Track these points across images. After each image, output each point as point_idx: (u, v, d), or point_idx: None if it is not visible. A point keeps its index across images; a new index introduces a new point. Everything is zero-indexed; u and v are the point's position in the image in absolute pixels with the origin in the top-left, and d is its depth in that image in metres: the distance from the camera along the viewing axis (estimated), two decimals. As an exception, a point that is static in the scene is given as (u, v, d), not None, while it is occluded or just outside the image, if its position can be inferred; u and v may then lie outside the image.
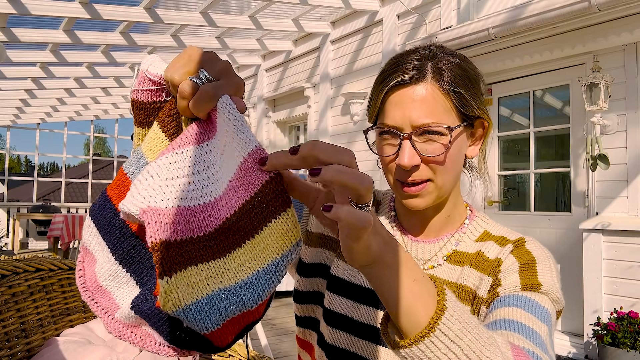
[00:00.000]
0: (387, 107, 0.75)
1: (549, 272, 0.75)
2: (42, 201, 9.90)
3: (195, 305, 0.41)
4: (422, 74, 0.73)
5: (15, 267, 0.99)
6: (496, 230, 0.83)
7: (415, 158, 0.72)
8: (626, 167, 3.33)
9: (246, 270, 0.44)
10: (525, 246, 0.77)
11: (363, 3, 5.07)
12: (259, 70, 7.16)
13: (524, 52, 3.79)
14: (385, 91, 0.75)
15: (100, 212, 0.50)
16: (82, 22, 5.06)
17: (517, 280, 0.72)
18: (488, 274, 0.75)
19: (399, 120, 0.73)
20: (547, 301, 0.71)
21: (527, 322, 0.64)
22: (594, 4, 3.07)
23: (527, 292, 0.71)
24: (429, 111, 0.72)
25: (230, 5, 5.21)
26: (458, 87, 0.73)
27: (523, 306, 0.67)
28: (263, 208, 0.46)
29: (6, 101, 8.32)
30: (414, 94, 0.72)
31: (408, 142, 0.72)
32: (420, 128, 0.72)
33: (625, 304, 3.17)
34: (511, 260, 0.75)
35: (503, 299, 0.70)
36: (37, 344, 1.01)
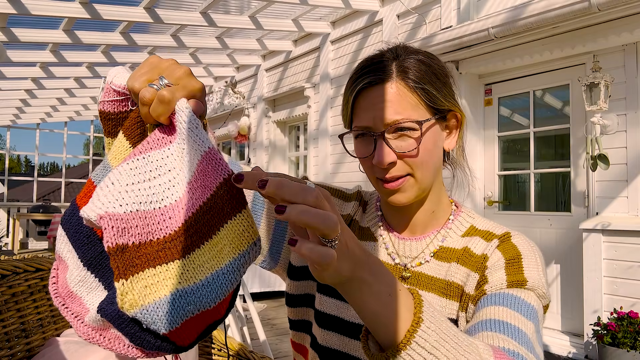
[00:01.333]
0: (358, 110, 0.77)
1: (535, 267, 0.75)
2: (42, 201, 9.90)
3: (152, 306, 0.42)
4: (387, 74, 0.75)
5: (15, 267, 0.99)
6: (482, 225, 0.83)
7: (391, 155, 0.74)
8: (626, 167, 3.33)
9: (204, 270, 0.44)
10: (511, 240, 0.78)
11: (363, 3, 5.07)
12: (259, 70, 7.16)
13: (524, 52, 3.79)
14: (355, 95, 0.77)
15: (69, 220, 0.51)
16: (82, 22, 5.05)
17: (504, 276, 0.73)
18: (475, 270, 0.76)
19: (370, 120, 0.75)
20: (533, 297, 0.72)
21: (513, 321, 0.65)
22: (594, 4, 3.07)
23: (513, 289, 0.72)
24: (397, 108, 0.74)
25: (230, 5, 5.21)
26: (423, 82, 0.75)
27: (509, 304, 0.68)
28: (219, 209, 0.45)
29: (6, 101, 8.32)
30: (381, 94, 0.75)
31: (382, 141, 0.74)
32: (392, 125, 0.74)
33: (625, 304, 3.17)
34: (497, 256, 0.76)
35: (489, 298, 0.71)
36: (37, 344, 1.01)
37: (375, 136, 0.75)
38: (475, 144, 4.33)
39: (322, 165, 5.75)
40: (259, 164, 7.04)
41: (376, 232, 0.86)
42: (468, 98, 4.29)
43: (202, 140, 0.47)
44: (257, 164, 7.11)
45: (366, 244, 0.86)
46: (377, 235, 0.86)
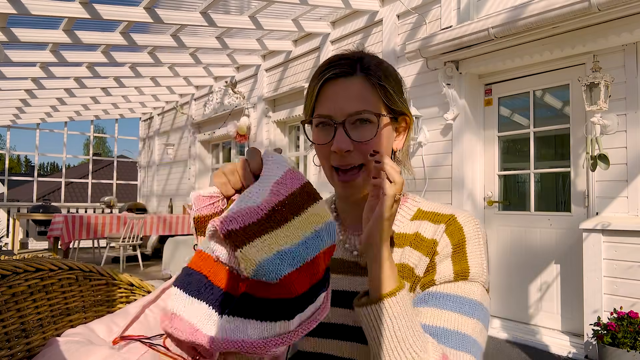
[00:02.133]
0: (322, 99, 0.83)
1: (478, 251, 0.82)
2: (42, 201, 9.90)
3: (265, 261, 0.56)
4: (352, 69, 0.83)
5: (15, 267, 0.99)
6: (428, 207, 0.90)
7: (348, 143, 0.80)
8: (626, 167, 3.33)
9: (298, 235, 0.60)
10: (457, 221, 0.84)
11: (363, 3, 5.07)
12: (259, 70, 7.16)
13: (524, 52, 3.79)
14: (320, 84, 0.83)
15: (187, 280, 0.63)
16: (82, 22, 5.06)
17: (450, 267, 0.81)
18: (426, 254, 0.83)
19: (332, 109, 0.82)
20: (476, 289, 0.80)
21: (454, 326, 0.75)
22: (594, 4, 3.07)
23: (458, 282, 0.80)
24: (359, 100, 0.81)
25: (230, 5, 5.21)
26: (384, 82, 0.83)
27: (450, 307, 0.77)
28: (302, 199, 0.64)
29: (6, 101, 8.32)
30: (345, 86, 0.82)
31: (341, 129, 0.81)
32: (353, 116, 0.81)
33: (625, 304, 3.17)
34: (445, 242, 0.83)
35: (435, 296, 0.79)
36: (37, 344, 1.01)
37: (336, 124, 0.81)
38: (475, 144, 4.33)
39: (322, 165, 5.75)
40: (259, 164, 7.05)
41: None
42: (468, 98, 4.29)
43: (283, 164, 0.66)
44: (257, 164, 7.11)
45: None
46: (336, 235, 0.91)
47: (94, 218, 7.22)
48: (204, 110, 8.50)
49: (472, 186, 4.28)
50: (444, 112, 4.34)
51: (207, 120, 8.45)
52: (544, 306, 3.90)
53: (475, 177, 4.32)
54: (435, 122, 4.45)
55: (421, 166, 4.56)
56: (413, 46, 4.32)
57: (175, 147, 9.65)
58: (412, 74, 4.71)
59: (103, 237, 7.36)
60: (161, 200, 10.20)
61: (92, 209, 11.28)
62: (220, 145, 8.81)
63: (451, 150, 4.30)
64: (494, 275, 4.28)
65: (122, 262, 7.16)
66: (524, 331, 3.84)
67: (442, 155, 4.39)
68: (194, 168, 8.81)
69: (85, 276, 1.15)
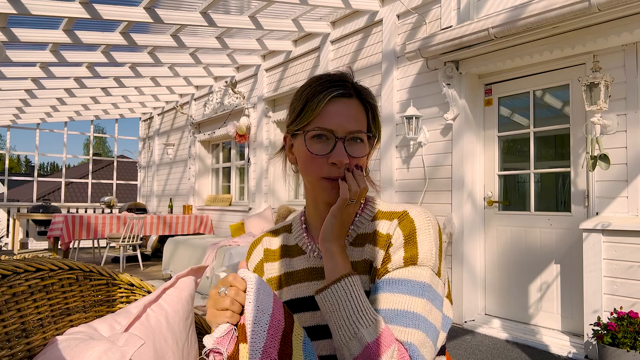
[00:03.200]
0: (325, 114, 0.90)
1: (428, 240, 0.90)
2: (42, 201, 9.90)
3: None
4: (353, 91, 0.93)
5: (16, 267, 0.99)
6: (385, 208, 0.99)
7: (346, 156, 0.90)
8: (626, 167, 3.33)
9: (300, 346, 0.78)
10: (409, 216, 0.92)
11: (363, 3, 5.07)
12: (259, 70, 7.16)
13: (524, 52, 3.79)
14: (327, 100, 0.91)
15: None
16: (82, 22, 5.06)
17: (402, 254, 0.89)
18: (381, 248, 0.92)
19: (335, 125, 0.90)
20: (424, 272, 0.87)
21: (403, 306, 0.83)
22: (594, 4, 3.07)
23: (406, 267, 0.87)
24: (357, 121, 0.91)
25: (230, 5, 5.21)
26: (372, 108, 0.95)
27: (400, 290, 0.85)
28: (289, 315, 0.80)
29: (6, 101, 8.32)
30: (347, 105, 0.91)
31: (341, 144, 0.89)
32: (352, 134, 0.90)
33: (625, 304, 3.17)
34: (398, 234, 0.91)
35: (385, 283, 0.87)
36: (38, 344, 1.01)
37: (337, 139, 0.90)
38: (475, 144, 4.33)
39: (322, 165, 5.75)
40: (259, 164, 7.05)
41: (303, 245, 1.02)
42: (468, 98, 4.29)
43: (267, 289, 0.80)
44: (257, 164, 7.12)
45: (296, 258, 1.02)
46: (304, 247, 1.02)
47: (94, 218, 7.22)
48: (204, 110, 8.50)
49: (472, 186, 4.28)
50: (444, 112, 4.34)
51: (207, 120, 8.45)
52: (544, 306, 3.90)
53: (475, 177, 4.32)
54: (435, 122, 4.45)
55: (421, 166, 4.56)
56: (413, 46, 4.33)
57: (175, 147, 9.65)
58: (412, 74, 4.71)
59: (103, 237, 7.36)
60: (161, 200, 10.20)
61: (92, 209, 11.28)
62: (220, 145, 8.81)
63: (451, 150, 4.30)
64: (493, 275, 4.29)
65: (122, 262, 7.16)
66: (524, 331, 3.84)
67: (442, 155, 4.39)
68: (194, 168, 8.81)
69: (86, 276, 1.15)
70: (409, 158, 4.71)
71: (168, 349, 1.02)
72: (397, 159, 4.83)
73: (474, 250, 4.29)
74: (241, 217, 7.34)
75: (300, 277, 0.99)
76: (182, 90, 8.96)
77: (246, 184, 7.58)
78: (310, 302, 0.95)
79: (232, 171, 8.32)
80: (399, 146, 4.80)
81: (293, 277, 1.00)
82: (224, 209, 7.99)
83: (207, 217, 8.25)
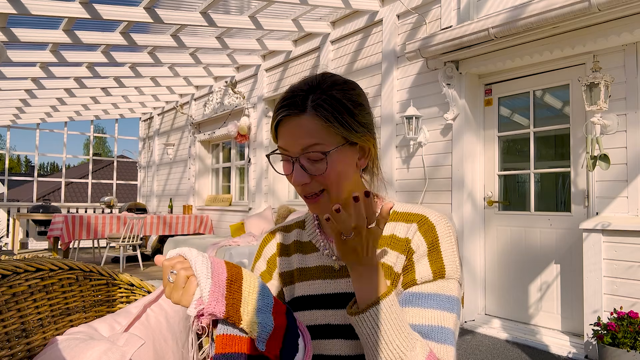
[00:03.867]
0: (280, 135, 0.90)
1: (451, 249, 0.90)
2: (42, 201, 9.89)
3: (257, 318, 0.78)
4: (302, 108, 0.87)
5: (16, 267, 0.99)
6: (401, 208, 0.98)
7: (304, 177, 0.88)
8: (626, 167, 3.33)
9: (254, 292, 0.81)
10: (429, 221, 0.92)
11: (363, 3, 5.07)
12: (259, 70, 7.16)
13: (524, 52, 3.79)
14: (277, 122, 0.90)
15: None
16: (82, 22, 5.05)
17: (427, 266, 0.89)
18: (401, 252, 0.91)
19: (288, 145, 0.88)
20: (452, 285, 0.88)
21: (436, 322, 0.84)
22: (594, 4, 3.07)
23: (437, 281, 0.88)
24: (310, 137, 0.86)
25: (230, 5, 5.21)
26: (334, 117, 0.87)
27: (432, 305, 0.86)
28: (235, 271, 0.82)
29: (6, 101, 8.32)
30: (296, 124, 0.87)
31: (297, 164, 0.88)
32: (305, 152, 0.87)
33: (625, 304, 3.17)
34: (419, 240, 0.91)
35: (417, 296, 0.87)
36: (38, 344, 1.01)
37: (293, 160, 0.89)
38: (475, 144, 4.33)
39: (322, 165, 5.75)
40: (259, 164, 7.05)
41: (316, 242, 1.01)
42: (468, 98, 4.29)
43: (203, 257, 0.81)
44: (257, 164, 7.12)
45: (309, 255, 1.01)
46: (317, 244, 1.01)
47: (94, 218, 7.22)
48: (204, 110, 8.50)
49: (472, 186, 4.28)
50: (444, 112, 4.34)
51: (207, 120, 8.45)
52: (544, 306, 3.90)
53: (475, 177, 4.32)
54: (435, 122, 4.45)
55: (421, 166, 4.56)
56: (413, 46, 4.32)
57: (175, 147, 9.65)
58: (412, 74, 4.71)
59: (103, 237, 7.36)
60: (161, 200, 10.20)
61: (92, 209, 11.27)
62: (220, 145, 8.81)
63: (451, 150, 4.30)
64: (493, 275, 4.28)
65: (122, 262, 7.16)
66: (524, 331, 3.84)
67: (442, 155, 4.39)
68: (194, 168, 8.81)
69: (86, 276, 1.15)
70: (409, 158, 4.71)
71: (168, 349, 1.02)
72: (397, 159, 4.83)
73: (474, 250, 4.29)
74: (241, 217, 7.34)
75: (312, 274, 0.98)
76: (182, 90, 8.96)
77: (246, 184, 7.57)
78: (322, 300, 0.95)
79: (232, 171, 8.32)
80: (399, 146, 4.80)
81: (305, 273, 0.99)
82: (224, 209, 7.99)
83: (207, 217, 8.25)
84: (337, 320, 0.92)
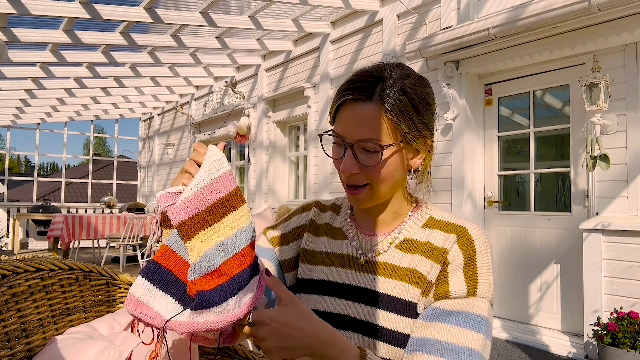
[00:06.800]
0: (338, 119, 0.87)
1: (486, 267, 0.86)
2: (42, 201, 9.90)
3: (209, 251, 0.72)
4: (369, 95, 0.84)
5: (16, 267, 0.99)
6: (439, 216, 0.95)
7: (354, 166, 0.85)
8: (626, 167, 3.34)
9: (232, 230, 0.75)
10: (469, 234, 0.88)
11: (363, 3, 5.07)
12: (259, 70, 7.16)
13: (524, 52, 3.79)
14: (339, 103, 0.87)
15: (153, 271, 0.74)
16: (82, 22, 5.06)
17: (462, 281, 0.84)
18: (437, 262, 0.87)
19: (345, 131, 0.86)
20: (484, 305, 0.83)
21: (463, 342, 0.79)
22: (594, 4, 3.07)
23: (468, 298, 0.83)
24: (369, 128, 0.84)
25: (230, 5, 5.21)
26: (399, 111, 0.84)
27: (461, 323, 0.81)
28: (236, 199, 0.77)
29: (6, 101, 8.32)
30: (358, 112, 0.84)
31: (350, 152, 0.85)
32: (360, 142, 0.84)
33: (625, 304, 3.17)
34: (456, 252, 0.86)
35: (446, 313, 0.83)
36: (38, 344, 1.01)
37: (346, 146, 0.85)
38: (475, 144, 4.33)
39: (322, 165, 5.75)
40: (259, 164, 7.05)
41: (347, 231, 0.99)
42: (468, 98, 4.29)
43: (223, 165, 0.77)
44: (257, 164, 7.12)
45: (337, 241, 0.99)
46: (347, 233, 0.99)
47: (94, 218, 7.22)
48: (204, 110, 8.50)
49: (472, 186, 4.28)
50: (444, 112, 4.34)
51: (207, 120, 8.45)
52: (544, 306, 3.90)
53: (475, 177, 4.32)
54: (435, 122, 4.45)
55: (421, 166, 4.56)
56: (413, 46, 4.32)
57: (175, 147, 9.65)
58: (412, 74, 4.71)
59: (103, 237, 7.36)
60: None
61: (92, 209, 11.28)
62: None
63: (451, 150, 4.30)
64: (494, 275, 4.28)
65: (122, 262, 7.16)
66: (524, 331, 3.84)
67: (442, 155, 4.39)
68: (194, 168, 8.81)
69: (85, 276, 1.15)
70: (409, 158, 4.71)
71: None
72: (397, 159, 4.83)
73: (474, 250, 4.29)
74: (241, 217, 7.33)
75: (337, 261, 0.97)
76: (182, 90, 8.96)
77: (246, 184, 7.57)
78: (344, 290, 0.93)
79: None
80: (399, 146, 4.80)
81: (330, 258, 0.98)
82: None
83: (207, 217, 8.25)
84: (356, 314, 0.90)
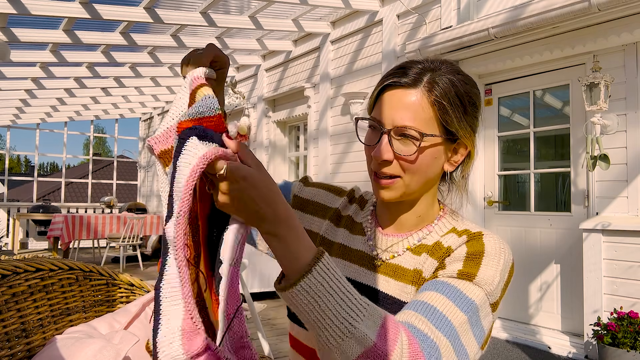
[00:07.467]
0: (379, 103, 0.83)
1: (494, 267, 0.77)
2: (42, 201, 9.90)
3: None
4: (416, 82, 0.80)
5: (16, 267, 0.99)
6: (463, 226, 0.87)
7: (389, 153, 0.79)
8: (626, 167, 3.33)
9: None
10: (482, 239, 0.80)
11: (363, 3, 5.07)
12: (259, 70, 7.16)
13: (524, 52, 3.79)
14: (381, 88, 0.83)
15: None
16: (82, 22, 5.05)
17: (459, 267, 0.76)
18: (437, 259, 0.82)
19: (384, 116, 0.81)
20: (477, 292, 0.73)
21: (442, 308, 0.70)
22: (594, 4, 3.07)
23: (459, 279, 0.74)
24: (411, 115, 0.79)
25: (230, 5, 5.21)
26: (444, 102, 0.79)
27: (445, 292, 0.72)
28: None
29: (6, 101, 8.32)
30: (401, 97, 0.80)
31: (386, 137, 0.80)
32: (400, 128, 0.79)
33: (625, 304, 3.17)
34: (462, 249, 0.79)
35: (432, 283, 0.75)
36: (37, 344, 1.01)
37: (383, 132, 0.80)
38: (475, 144, 4.33)
39: (322, 165, 5.75)
40: (259, 164, 7.05)
41: (366, 227, 0.93)
42: (468, 98, 4.29)
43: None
44: (257, 164, 7.12)
45: (355, 236, 0.94)
46: (366, 229, 0.93)
47: (94, 218, 7.22)
48: (204, 110, 8.49)
49: (472, 186, 4.28)
50: (444, 112, 4.34)
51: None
52: (544, 306, 3.90)
53: (475, 177, 4.32)
54: (435, 122, 4.45)
55: (421, 166, 4.56)
56: (413, 46, 4.32)
57: (175, 147, 9.64)
58: (412, 74, 4.71)
59: (103, 237, 7.36)
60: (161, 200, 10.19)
61: (92, 209, 11.28)
62: (220, 145, 8.81)
63: (451, 150, 4.30)
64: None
65: (122, 262, 7.16)
66: (524, 331, 3.84)
67: (442, 155, 4.39)
68: (194, 168, 8.81)
69: (85, 276, 1.15)
70: (409, 158, 4.71)
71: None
72: (397, 159, 4.83)
73: (474, 250, 4.29)
74: (241, 217, 7.34)
75: (352, 257, 0.92)
76: (182, 90, 8.94)
77: (246, 184, 7.58)
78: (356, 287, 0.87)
79: (232, 171, 8.32)
80: (399, 146, 4.80)
81: (346, 253, 0.93)
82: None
83: (207, 217, 8.25)
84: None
